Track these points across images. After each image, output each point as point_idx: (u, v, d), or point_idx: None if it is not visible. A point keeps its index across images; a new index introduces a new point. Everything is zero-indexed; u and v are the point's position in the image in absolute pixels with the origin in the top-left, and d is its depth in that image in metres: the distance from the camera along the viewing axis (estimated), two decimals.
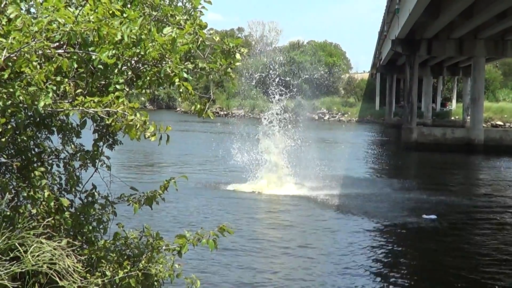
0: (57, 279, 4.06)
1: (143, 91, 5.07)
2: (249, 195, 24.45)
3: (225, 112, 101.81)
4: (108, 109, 4.23)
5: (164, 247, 5.42)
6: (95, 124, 5.45)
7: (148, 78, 4.81)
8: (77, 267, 4.20)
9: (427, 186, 28.30)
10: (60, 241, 4.33)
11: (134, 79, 4.96)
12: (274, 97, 31.62)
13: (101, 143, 5.58)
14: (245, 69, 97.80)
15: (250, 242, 17.14)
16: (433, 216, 21.15)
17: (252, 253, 16.04)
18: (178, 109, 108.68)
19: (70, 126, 5.51)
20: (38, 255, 3.98)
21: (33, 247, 4.03)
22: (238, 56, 5.24)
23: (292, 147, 30.16)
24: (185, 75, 4.71)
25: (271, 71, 34.96)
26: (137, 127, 4.22)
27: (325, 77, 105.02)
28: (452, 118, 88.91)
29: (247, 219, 20.20)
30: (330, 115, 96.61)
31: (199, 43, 4.87)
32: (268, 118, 29.84)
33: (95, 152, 5.46)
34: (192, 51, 4.98)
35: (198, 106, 5.22)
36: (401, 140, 50.14)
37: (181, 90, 4.78)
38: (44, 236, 4.31)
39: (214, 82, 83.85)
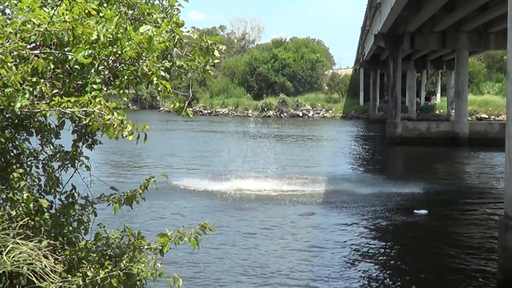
0: (35, 280, 4.08)
1: (122, 91, 5.09)
2: (232, 194, 24.40)
3: (209, 111, 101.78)
4: (85, 109, 4.25)
5: (146, 246, 5.44)
6: (73, 125, 5.46)
7: (125, 77, 4.83)
8: (55, 268, 4.22)
9: (414, 180, 28.35)
10: (39, 242, 4.35)
11: (112, 79, 4.97)
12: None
13: (80, 144, 5.60)
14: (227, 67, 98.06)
15: (234, 241, 17.18)
16: (424, 211, 21.23)
17: (235, 251, 16.09)
18: (161, 108, 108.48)
19: (48, 127, 5.52)
20: (14, 256, 4.00)
21: (9, 248, 4.04)
22: (216, 53, 5.24)
23: (276, 145, 30.16)
24: (162, 73, 4.73)
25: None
26: (115, 126, 4.25)
27: (308, 74, 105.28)
28: (437, 112, 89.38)
29: (229, 217, 20.22)
30: (314, 112, 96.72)
31: (176, 41, 4.89)
32: None
33: (74, 153, 5.48)
34: (169, 49, 5.01)
35: (177, 104, 5.23)
36: (385, 135, 50.35)
37: (159, 88, 4.79)
38: (20, 237, 4.32)
39: (197, 81, 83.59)
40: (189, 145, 46.55)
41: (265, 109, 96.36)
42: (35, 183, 5.52)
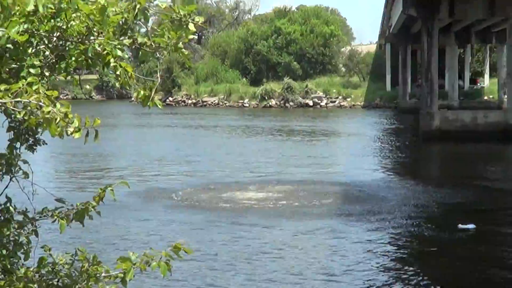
0: None
1: (70, 76, 5.07)
2: (227, 206, 24.34)
3: (194, 101, 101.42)
4: (19, 99, 4.23)
5: (103, 274, 5.42)
6: (9, 120, 5.43)
7: (73, 58, 4.81)
8: None
9: (457, 187, 28.24)
10: None
11: (57, 61, 4.94)
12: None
13: (18, 144, 5.56)
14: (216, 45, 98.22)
15: (231, 264, 17.17)
16: (471, 226, 21.17)
17: (232, 279, 16.09)
18: (133, 98, 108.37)
19: None
20: None
21: None
22: (191, 27, 5.21)
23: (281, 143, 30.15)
24: (119, 53, 4.71)
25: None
26: (57, 121, 4.23)
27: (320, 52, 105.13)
28: (485, 98, 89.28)
29: (224, 235, 20.15)
30: (329, 100, 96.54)
31: (136, 12, 4.87)
32: None
33: (9, 156, 5.46)
34: (128, 22, 4.98)
35: (142, 92, 5.18)
36: (419, 129, 50.25)
37: (118, 72, 4.77)
38: None
39: (179, 63, 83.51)
40: (170, 144, 46.51)
41: (266, 98, 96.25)
42: None
